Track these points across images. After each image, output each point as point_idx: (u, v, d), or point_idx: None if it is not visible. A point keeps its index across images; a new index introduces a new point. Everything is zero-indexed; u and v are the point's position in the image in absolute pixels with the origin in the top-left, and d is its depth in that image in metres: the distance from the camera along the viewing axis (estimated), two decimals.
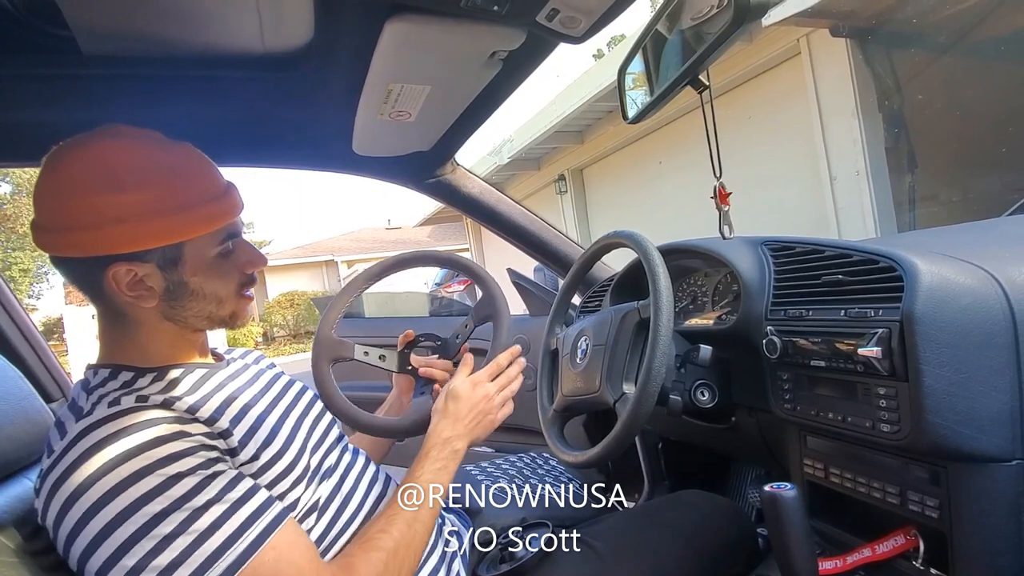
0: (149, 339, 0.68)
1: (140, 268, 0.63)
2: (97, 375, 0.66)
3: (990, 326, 0.63)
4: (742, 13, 0.63)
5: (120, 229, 0.61)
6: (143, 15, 0.69)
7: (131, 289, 0.64)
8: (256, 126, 1.01)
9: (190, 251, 0.66)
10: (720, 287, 1.09)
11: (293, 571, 0.58)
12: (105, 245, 0.61)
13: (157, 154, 0.64)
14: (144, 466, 0.54)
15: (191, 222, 0.64)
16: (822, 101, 4.32)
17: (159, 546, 0.52)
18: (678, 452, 1.37)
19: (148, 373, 0.66)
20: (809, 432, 0.84)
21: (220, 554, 0.54)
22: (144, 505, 0.53)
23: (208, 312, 0.69)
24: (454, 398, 0.80)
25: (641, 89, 0.91)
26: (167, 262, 0.65)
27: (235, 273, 0.71)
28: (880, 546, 0.73)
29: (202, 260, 0.67)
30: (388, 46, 0.74)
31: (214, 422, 0.61)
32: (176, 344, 0.70)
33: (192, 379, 0.67)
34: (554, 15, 0.71)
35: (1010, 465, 0.62)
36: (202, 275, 0.67)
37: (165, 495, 0.54)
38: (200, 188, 0.66)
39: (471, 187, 1.37)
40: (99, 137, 0.63)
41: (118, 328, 0.68)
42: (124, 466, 0.54)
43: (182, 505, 0.54)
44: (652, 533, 0.87)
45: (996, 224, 1.05)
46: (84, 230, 0.61)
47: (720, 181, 0.87)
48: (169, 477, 0.54)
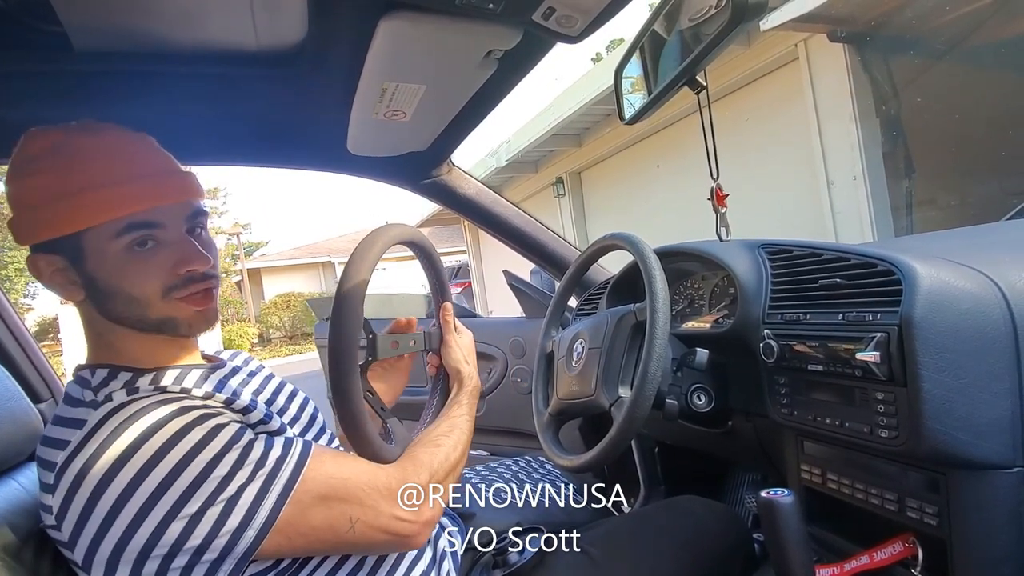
0: (120, 341, 0.66)
1: (55, 261, 0.62)
2: (95, 375, 0.63)
3: (989, 331, 0.62)
4: (740, 13, 0.63)
5: (25, 216, 0.61)
6: (136, 11, 0.68)
7: (56, 281, 0.63)
8: (250, 124, 1.00)
9: (89, 243, 0.61)
10: (717, 290, 1.08)
11: (350, 462, 0.63)
12: (22, 233, 0.62)
13: (69, 140, 0.61)
14: (187, 423, 0.55)
15: (76, 210, 0.59)
16: (820, 105, 4.33)
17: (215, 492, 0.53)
18: (674, 457, 1.36)
19: (146, 373, 0.64)
20: (806, 437, 0.84)
21: (269, 485, 0.56)
22: (200, 452, 0.54)
23: (136, 314, 0.63)
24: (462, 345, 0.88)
25: (638, 90, 0.91)
26: (74, 256, 0.61)
27: (157, 272, 0.63)
28: (878, 553, 0.73)
29: (104, 254, 0.61)
30: (383, 44, 0.74)
31: (231, 403, 0.62)
32: (155, 348, 0.67)
33: (194, 377, 0.66)
34: (551, 14, 0.70)
35: (1010, 472, 0.61)
36: (109, 271, 0.61)
37: (214, 442, 0.55)
38: (98, 172, 0.60)
39: (467, 188, 1.36)
40: (28, 131, 0.64)
41: (89, 329, 0.67)
42: (157, 435, 0.53)
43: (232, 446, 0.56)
44: (648, 539, 0.87)
45: (995, 228, 1.05)
46: (13, 218, 0.63)
47: (717, 182, 0.86)
48: (211, 428, 0.55)
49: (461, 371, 0.86)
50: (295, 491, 0.57)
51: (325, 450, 0.63)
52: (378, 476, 0.63)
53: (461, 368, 0.86)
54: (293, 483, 0.57)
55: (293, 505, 0.56)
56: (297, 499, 0.57)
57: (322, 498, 0.58)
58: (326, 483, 0.59)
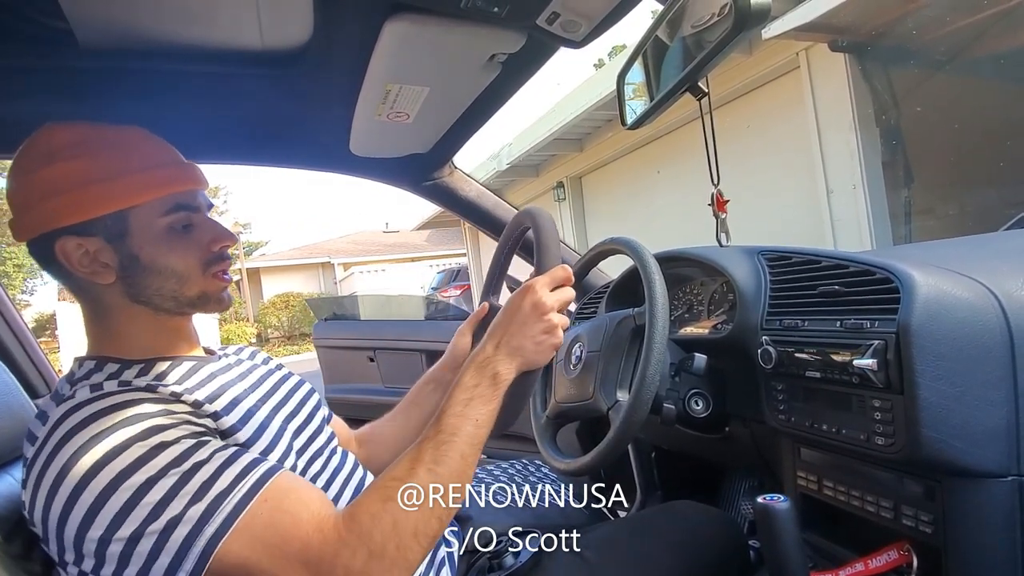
0: (128, 327, 0.66)
1: (88, 242, 0.62)
2: (83, 367, 0.64)
3: (986, 339, 0.62)
4: (742, 21, 0.63)
5: (60, 200, 0.61)
6: (142, 9, 0.69)
7: (84, 265, 0.63)
8: (253, 124, 1.01)
9: (136, 221, 0.64)
10: (716, 296, 1.09)
11: (289, 520, 0.54)
12: (44, 220, 0.62)
13: (95, 131, 0.64)
14: (127, 439, 0.53)
15: (129, 188, 0.63)
16: (820, 114, 4.35)
17: (153, 512, 0.51)
18: (671, 462, 1.36)
19: (135, 365, 0.64)
20: (803, 444, 0.84)
21: (213, 511, 0.52)
22: (132, 475, 0.52)
23: (172, 291, 0.66)
24: (504, 310, 0.69)
25: (640, 95, 0.91)
26: (114, 235, 0.63)
27: (196, 249, 0.67)
28: (873, 561, 0.73)
29: (151, 231, 0.64)
30: (387, 46, 0.74)
31: (200, 406, 0.60)
32: (159, 334, 0.68)
33: (180, 370, 0.66)
34: (555, 18, 0.71)
35: (1005, 481, 0.61)
36: (153, 247, 0.64)
37: (151, 463, 0.52)
38: (139, 157, 0.65)
39: (468, 191, 1.37)
40: (45, 126, 0.64)
41: (96, 318, 0.67)
42: (106, 440, 0.52)
43: (170, 471, 0.53)
44: (643, 543, 0.86)
45: (993, 238, 1.05)
46: (26, 211, 0.62)
47: (718, 188, 0.87)
48: (153, 447, 0.53)
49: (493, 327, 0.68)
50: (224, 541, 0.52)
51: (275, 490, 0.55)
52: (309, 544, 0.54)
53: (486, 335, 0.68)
54: (225, 530, 0.52)
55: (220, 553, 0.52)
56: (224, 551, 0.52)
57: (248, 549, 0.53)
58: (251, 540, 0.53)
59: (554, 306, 0.69)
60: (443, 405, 0.64)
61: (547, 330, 0.68)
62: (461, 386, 0.64)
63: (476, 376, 0.65)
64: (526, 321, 0.68)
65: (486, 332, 0.69)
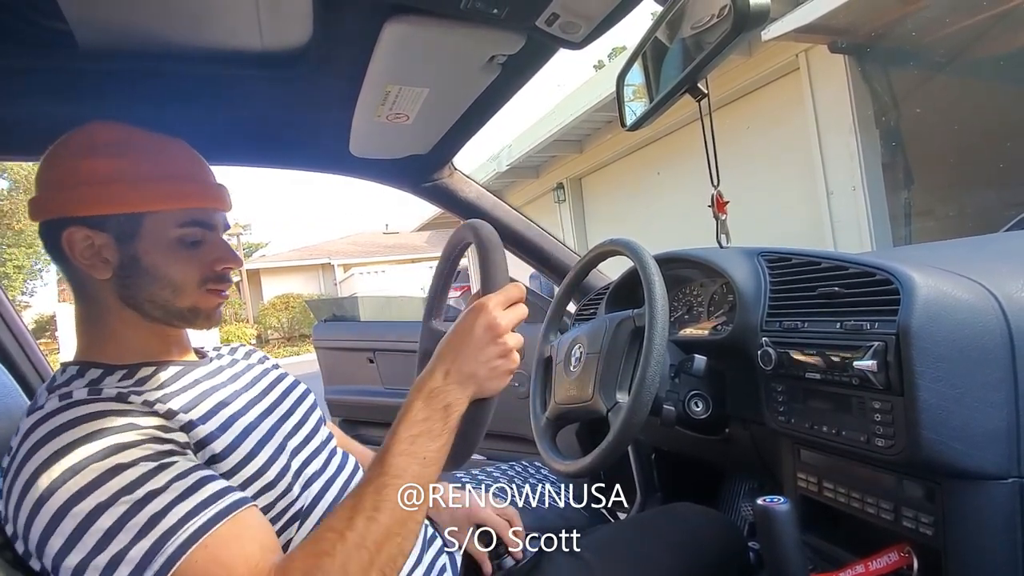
0: (118, 330, 0.67)
1: (97, 236, 0.64)
2: (65, 373, 0.64)
3: (986, 341, 0.62)
4: (741, 23, 0.63)
5: (83, 191, 0.63)
6: (141, 10, 0.68)
7: (84, 256, 0.64)
8: (253, 125, 1.01)
9: (149, 226, 0.65)
10: (716, 297, 1.09)
11: (224, 573, 0.51)
12: (67, 205, 0.63)
13: (139, 135, 0.67)
14: (84, 458, 0.52)
15: (152, 194, 0.65)
16: (820, 115, 4.36)
17: (100, 543, 0.50)
18: (671, 464, 1.36)
19: (118, 371, 0.64)
20: (803, 445, 0.84)
21: (154, 553, 0.50)
22: (83, 500, 0.51)
23: (164, 299, 0.67)
24: (453, 332, 0.63)
25: (640, 96, 0.91)
26: (124, 235, 0.64)
27: (199, 264, 0.68)
28: (873, 563, 0.72)
29: (160, 238, 0.65)
30: (387, 47, 0.74)
31: (173, 415, 0.58)
32: (149, 339, 0.68)
33: (162, 377, 0.65)
34: (554, 20, 0.71)
35: (1005, 483, 0.61)
36: (158, 254, 0.65)
37: (104, 487, 0.51)
38: (170, 166, 0.67)
39: (468, 192, 1.37)
40: (95, 122, 0.67)
41: (89, 317, 0.67)
42: (64, 459, 0.52)
43: (121, 498, 0.51)
44: (643, 545, 0.86)
45: (993, 239, 1.05)
46: (54, 190, 0.64)
47: (718, 189, 0.87)
48: (109, 469, 0.52)
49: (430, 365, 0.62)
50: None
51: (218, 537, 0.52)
52: None
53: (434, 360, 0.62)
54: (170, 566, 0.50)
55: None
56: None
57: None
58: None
59: (508, 327, 0.63)
60: (386, 442, 0.58)
61: (502, 354, 0.62)
62: (407, 420, 0.58)
63: (424, 408, 0.59)
64: (479, 345, 0.61)
65: (432, 357, 0.63)
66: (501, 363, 0.62)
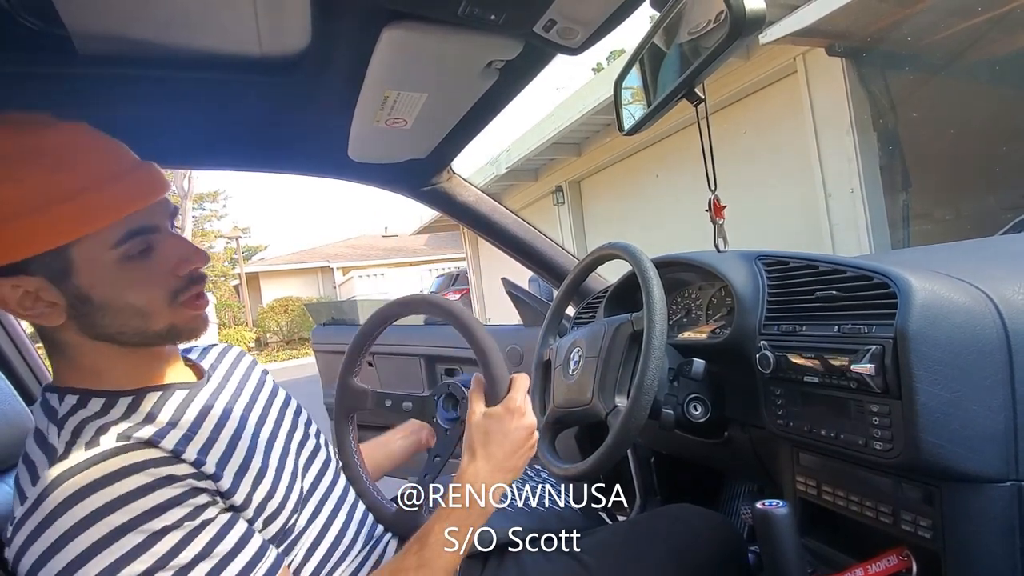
0: (98, 361, 0.59)
1: (27, 282, 0.53)
2: (64, 402, 0.57)
3: (983, 344, 0.62)
4: (738, 27, 0.63)
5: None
6: (140, 16, 0.69)
7: (25, 307, 0.54)
8: (252, 131, 1.01)
9: (80, 256, 0.54)
10: (714, 301, 1.09)
11: None
12: None
13: (30, 139, 0.53)
14: (127, 520, 0.49)
15: (64, 219, 0.52)
16: (818, 118, 4.37)
17: None
18: (671, 467, 1.36)
19: (121, 398, 0.58)
20: (802, 448, 0.84)
21: None
22: (126, 565, 0.48)
23: (135, 327, 0.57)
24: (484, 430, 0.66)
25: (637, 101, 0.91)
26: (55, 273, 0.53)
27: (159, 277, 0.58)
28: (872, 566, 0.72)
29: (100, 266, 0.54)
30: (385, 53, 0.74)
31: (201, 464, 0.56)
32: (141, 363, 0.61)
33: (172, 406, 0.60)
34: (551, 26, 0.71)
35: (1004, 486, 0.61)
36: (106, 285, 0.55)
37: (150, 552, 0.49)
38: (77, 174, 0.53)
39: (467, 196, 1.37)
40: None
41: (60, 351, 0.59)
42: (105, 521, 0.49)
43: (167, 563, 0.50)
44: (641, 547, 0.86)
45: (990, 243, 1.05)
46: None
47: (715, 193, 0.87)
48: (154, 533, 0.50)
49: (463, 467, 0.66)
50: None
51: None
52: None
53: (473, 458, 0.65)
54: None
55: None
56: None
57: None
58: None
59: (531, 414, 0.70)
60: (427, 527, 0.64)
61: (533, 445, 0.70)
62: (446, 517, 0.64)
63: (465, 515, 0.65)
64: (519, 443, 0.68)
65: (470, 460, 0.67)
66: (532, 452, 0.70)
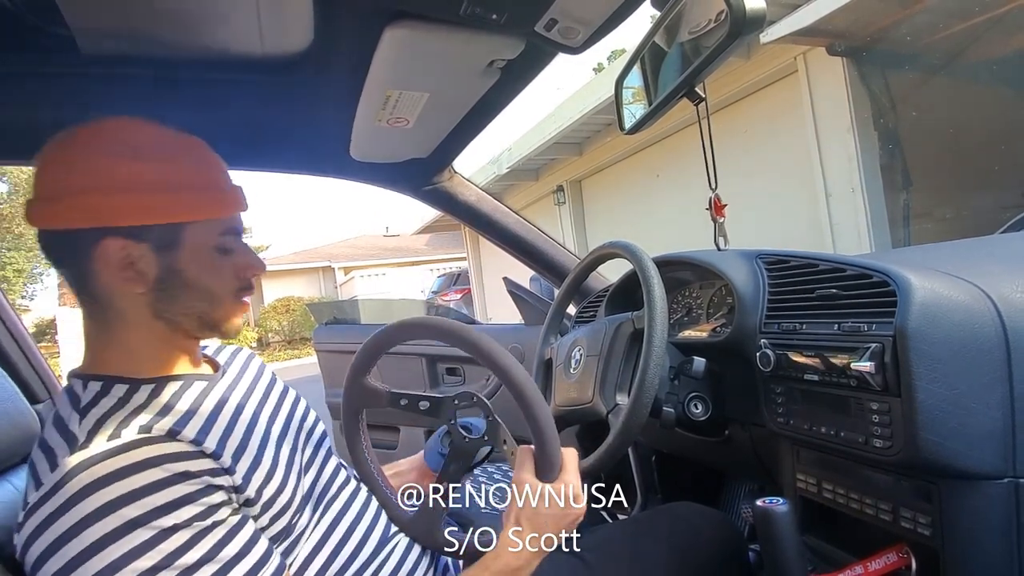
0: (139, 341, 0.63)
1: (135, 247, 0.59)
2: (87, 389, 0.60)
3: (982, 342, 0.63)
4: (738, 27, 0.64)
5: (127, 197, 0.58)
6: (142, 16, 0.69)
7: (120, 268, 0.59)
8: (254, 129, 1.01)
9: (190, 236, 0.62)
10: (715, 299, 1.09)
11: None
12: (107, 213, 0.57)
13: (170, 136, 0.63)
14: (140, 515, 0.51)
15: (199, 203, 0.62)
16: (818, 118, 4.37)
17: None
18: (672, 465, 1.36)
19: (143, 386, 0.61)
20: (802, 446, 0.84)
21: None
22: (134, 560, 0.50)
23: (200, 310, 0.64)
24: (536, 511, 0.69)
25: (638, 100, 0.92)
26: (164, 245, 0.60)
27: (232, 273, 0.66)
28: (872, 563, 0.73)
29: (201, 249, 0.63)
30: (387, 52, 0.75)
31: (219, 457, 0.58)
32: (169, 352, 0.65)
33: (192, 395, 0.63)
34: (552, 25, 0.71)
35: (1001, 483, 0.61)
36: (198, 266, 0.63)
37: (157, 549, 0.51)
38: (210, 174, 0.64)
39: (468, 195, 1.37)
40: (113, 119, 0.62)
41: (105, 328, 0.62)
42: (118, 513, 0.50)
43: (173, 563, 0.51)
44: (642, 545, 0.87)
45: (989, 241, 1.06)
46: (90, 193, 0.57)
47: (716, 192, 0.87)
48: (164, 530, 0.52)
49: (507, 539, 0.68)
50: None
51: None
52: None
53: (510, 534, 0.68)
54: None
55: None
56: None
57: None
58: None
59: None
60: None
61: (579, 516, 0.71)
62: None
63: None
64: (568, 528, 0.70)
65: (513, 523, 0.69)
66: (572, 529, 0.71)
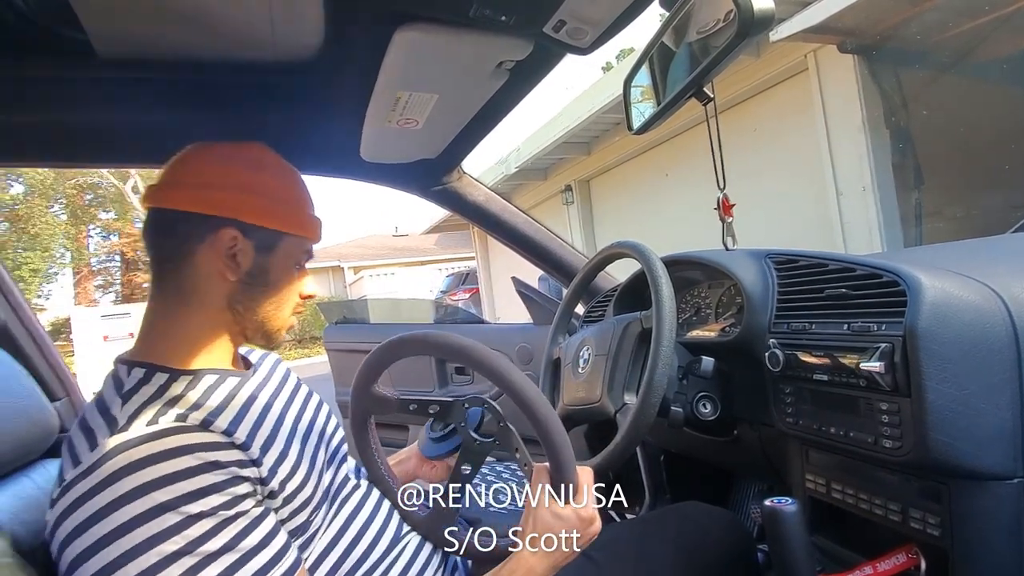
0: (197, 327, 0.68)
1: (243, 241, 0.68)
2: (131, 375, 0.64)
3: (992, 343, 0.62)
4: (746, 27, 0.64)
5: (251, 199, 0.68)
6: (157, 19, 0.70)
7: (223, 253, 0.67)
8: (265, 131, 1.02)
9: (285, 245, 0.71)
10: (724, 299, 1.09)
11: None
12: (234, 207, 0.67)
13: (284, 161, 0.74)
14: (169, 500, 0.54)
15: (300, 220, 0.72)
16: (829, 116, 4.34)
17: None
18: (680, 466, 1.36)
19: (182, 376, 0.64)
20: (811, 446, 0.84)
21: None
22: (159, 543, 0.53)
23: (266, 312, 0.71)
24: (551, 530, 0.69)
25: (646, 100, 0.92)
26: (264, 246, 0.69)
27: (296, 290, 0.74)
28: (881, 564, 0.73)
29: (288, 258, 0.72)
30: (397, 54, 0.75)
31: (247, 449, 0.61)
32: (216, 345, 0.69)
33: (226, 390, 0.66)
34: (561, 26, 0.72)
35: (1011, 483, 0.61)
36: (281, 272, 0.71)
37: (183, 534, 0.54)
38: (308, 199, 0.75)
39: (477, 195, 1.38)
40: (257, 144, 0.74)
41: (171, 311, 0.68)
42: (150, 496, 0.53)
43: (195, 549, 0.54)
44: (650, 545, 0.87)
45: (1001, 241, 1.05)
46: (222, 190, 0.67)
47: (724, 192, 0.87)
48: (190, 516, 0.54)
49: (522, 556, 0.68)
50: None
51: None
52: None
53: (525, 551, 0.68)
54: None
55: None
56: None
57: None
58: None
59: None
60: None
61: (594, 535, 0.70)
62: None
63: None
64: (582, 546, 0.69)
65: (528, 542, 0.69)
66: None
